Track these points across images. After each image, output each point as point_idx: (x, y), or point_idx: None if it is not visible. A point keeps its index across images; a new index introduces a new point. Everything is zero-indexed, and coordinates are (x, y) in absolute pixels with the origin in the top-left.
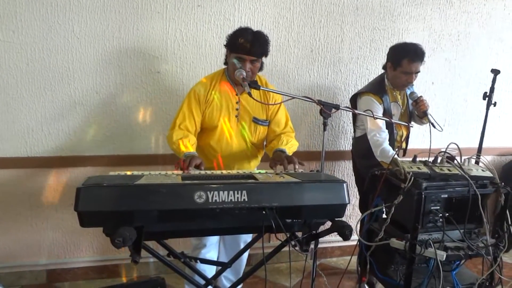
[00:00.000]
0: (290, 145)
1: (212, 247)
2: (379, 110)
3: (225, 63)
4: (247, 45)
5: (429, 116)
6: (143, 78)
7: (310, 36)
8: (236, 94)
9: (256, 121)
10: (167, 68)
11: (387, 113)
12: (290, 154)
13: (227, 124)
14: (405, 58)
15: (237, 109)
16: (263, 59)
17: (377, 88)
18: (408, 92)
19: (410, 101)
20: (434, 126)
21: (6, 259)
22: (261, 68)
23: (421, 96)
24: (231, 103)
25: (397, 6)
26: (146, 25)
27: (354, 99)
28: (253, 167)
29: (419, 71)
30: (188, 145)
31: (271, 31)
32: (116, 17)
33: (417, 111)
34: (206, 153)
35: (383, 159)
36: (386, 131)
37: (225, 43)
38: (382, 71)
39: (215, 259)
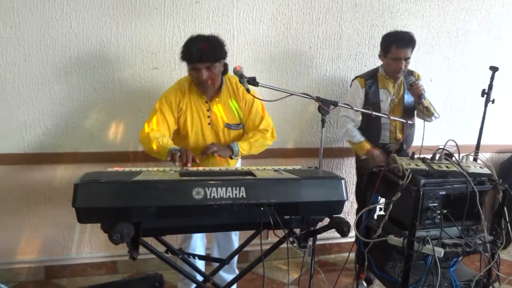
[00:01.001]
0: (254, 140)
1: (198, 239)
2: (359, 94)
3: None
4: (197, 54)
5: (423, 100)
6: (141, 74)
7: (309, 32)
8: (206, 102)
9: (228, 126)
10: (165, 65)
11: (369, 96)
12: (252, 148)
13: (201, 132)
14: (393, 44)
15: (209, 116)
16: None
17: (366, 73)
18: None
19: (407, 94)
20: (428, 110)
21: (4, 256)
22: (225, 71)
23: (416, 80)
24: (202, 111)
25: (396, 3)
26: (144, 21)
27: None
28: (232, 165)
29: (408, 57)
30: (169, 143)
31: (269, 28)
32: (114, 13)
33: (413, 96)
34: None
35: (348, 139)
36: (357, 119)
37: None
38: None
39: (203, 250)
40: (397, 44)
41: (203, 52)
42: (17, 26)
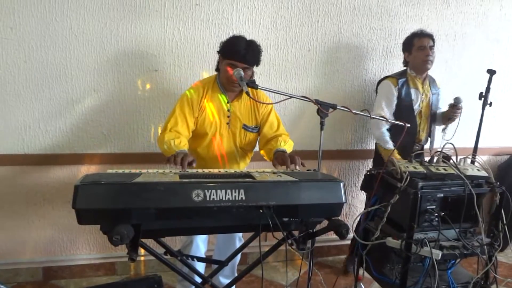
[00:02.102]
0: (288, 146)
1: (201, 242)
2: (393, 93)
3: (217, 70)
4: (241, 52)
5: (447, 127)
6: (141, 76)
7: (308, 35)
8: (228, 102)
9: (245, 128)
10: (164, 67)
11: (402, 95)
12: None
13: (218, 132)
14: (414, 38)
15: (228, 117)
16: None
17: (396, 73)
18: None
19: (434, 95)
20: (444, 131)
21: (2, 256)
22: (251, 78)
23: (461, 108)
24: (222, 110)
25: (394, 6)
26: (144, 23)
27: (377, 85)
28: (242, 168)
29: (432, 46)
30: (180, 145)
31: (269, 30)
32: (114, 15)
33: (447, 114)
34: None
35: (381, 143)
36: (391, 118)
37: (218, 50)
38: (378, 72)
39: (204, 253)
40: (418, 36)
41: (249, 54)
42: (18, 27)
